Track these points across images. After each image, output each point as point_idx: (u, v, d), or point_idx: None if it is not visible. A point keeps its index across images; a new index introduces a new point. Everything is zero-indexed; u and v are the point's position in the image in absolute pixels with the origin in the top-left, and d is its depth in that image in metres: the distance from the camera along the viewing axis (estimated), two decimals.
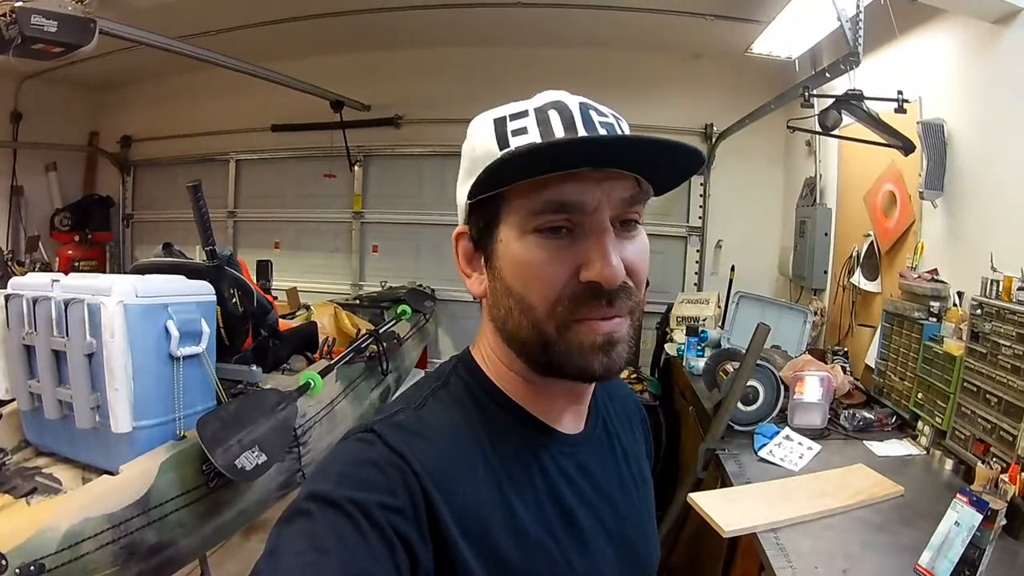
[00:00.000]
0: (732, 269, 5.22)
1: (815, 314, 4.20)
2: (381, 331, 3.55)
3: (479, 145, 0.79)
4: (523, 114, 0.77)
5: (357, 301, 5.10)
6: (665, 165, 0.77)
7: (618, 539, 0.89)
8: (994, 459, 2.36)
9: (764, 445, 2.86)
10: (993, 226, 2.73)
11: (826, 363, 3.65)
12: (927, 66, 3.22)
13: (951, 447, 2.67)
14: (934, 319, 2.98)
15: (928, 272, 3.10)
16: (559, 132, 0.75)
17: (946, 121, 3.00)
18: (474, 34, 5.48)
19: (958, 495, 1.92)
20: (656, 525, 1.04)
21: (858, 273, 3.81)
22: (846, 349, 3.82)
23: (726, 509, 2.22)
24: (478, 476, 0.76)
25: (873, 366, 3.47)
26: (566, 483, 0.84)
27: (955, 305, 2.87)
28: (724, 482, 2.67)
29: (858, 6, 2.79)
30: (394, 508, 0.67)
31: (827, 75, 3.26)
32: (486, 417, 0.82)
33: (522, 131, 0.76)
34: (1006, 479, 2.22)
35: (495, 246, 0.79)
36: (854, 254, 3.90)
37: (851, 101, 3.22)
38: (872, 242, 3.72)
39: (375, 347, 3.40)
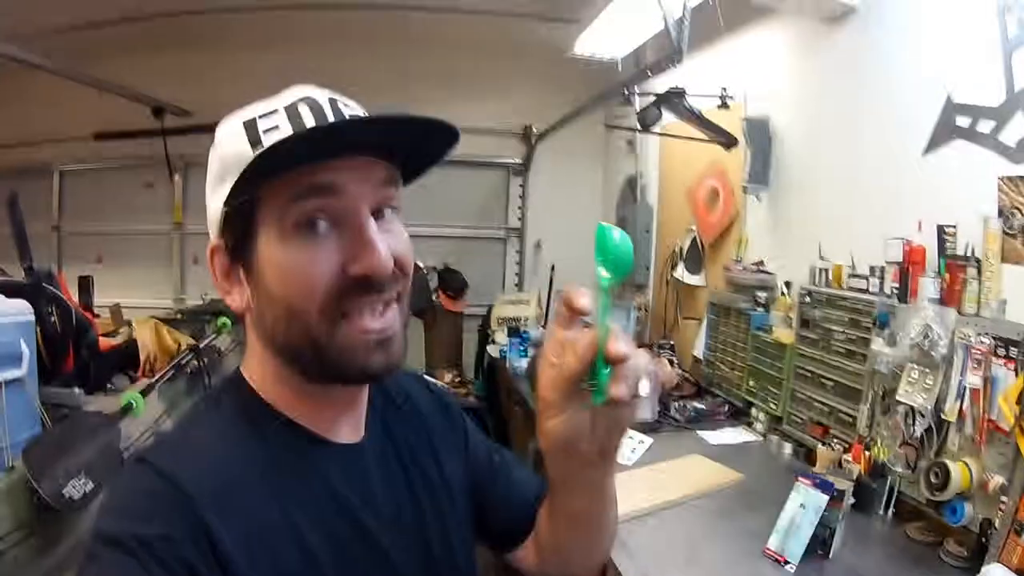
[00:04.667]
0: (552, 268, 5.26)
1: (639, 309, 4.28)
2: (202, 345, 3.28)
3: (229, 149, 0.75)
4: (273, 112, 0.75)
5: (179, 315, 4.72)
6: (424, 144, 0.78)
7: (418, 552, 0.87)
8: (835, 440, 2.46)
9: None
10: (818, 217, 2.85)
11: (653, 355, 3.72)
12: (753, 63, 3.34)
13: (788, 431, 2.76)
14: (762, 309, 3.09)
15: (754, 264, 3.22)
16: (309, 124, 0.74)
17: (772, 117, 3.13)
18: (301, 35, 5.24)
19: (800, 479, 1.95)
20: (471, 533, 1.01)
21: (681, 267, 3.92)
22: (672, 342, 3.92)
23: None
24: (258, 497, 0.72)
25: (701, 357, 3.57)
26: (352, 497, 0.80)
27: (783, 294, 2.99)
28: None
29: (685, 6, 2.82)
30: (175, 539, 0.64)
31: (649, 73, 3.32)
32: (260, 435, 0.77)
33: (274, 128, 0.73)
34: (849, 459, 2.31)
35: (255, 254, 0.75)
36: (676, 249, 4.01)
37: (672, 98, 3.29)
38: (695, 237, 3.83)
39: (196, 362, 3.14)
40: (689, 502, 2.26)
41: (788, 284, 2.97)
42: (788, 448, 2.72)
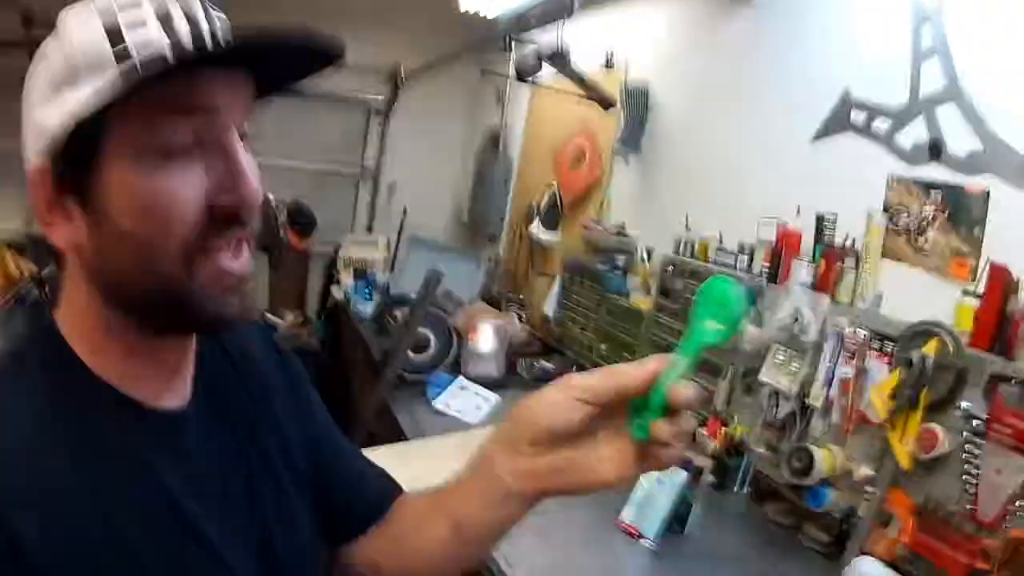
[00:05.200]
0: (404, 211, 5.07)
1: (490, 261, 4.22)
2: (44, 274, 2.89)
3: (81, 43, 0.59)
4: (136, 5, 0.60)
5: (30, 242, 4.15)
6: (300, 63, 0.70)
7: (252, 543, 0.75)
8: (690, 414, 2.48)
9: (439, 395, 2.76)
10: (690, 190, 2.87)
11: (501, 311, 3.68)
12: (644, 30, 3.28)
13: None
14: (619, 273, 3.08)
15: (616, 225, 3.21)
16: (183, 27, 0.61)
17: (654, 85, 3.10)
18: None
19: None
20: (313, 521, 0.89)
21: (537, 223, 3.86)
22: (522, 297, 3.88)
23: (398, 471, 2.05)
24: (69, 490, 0.60)
25: (552, 316, 3.54)
26: (172, 478, 0.67)
27: (643, 260, 2.98)
28: (400, 436, 2.54)
29: None
30: None
31: (533, 23, 3.22)
32: (74, 406, 0.64)
33: (140, 25, 0.59)
34: (705, 434, 2.34)
35: (98, 182, 0.61)
36: (534, 204, 3.94)
37: (556, 55, 3.19)
38: (554, 193, 3.78)
39: (39, 292, 2.77)
40: None
41: (650, 251, 2.97)
42: None
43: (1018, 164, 1.75)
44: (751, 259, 2.43)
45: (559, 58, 3.14)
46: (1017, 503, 1.54)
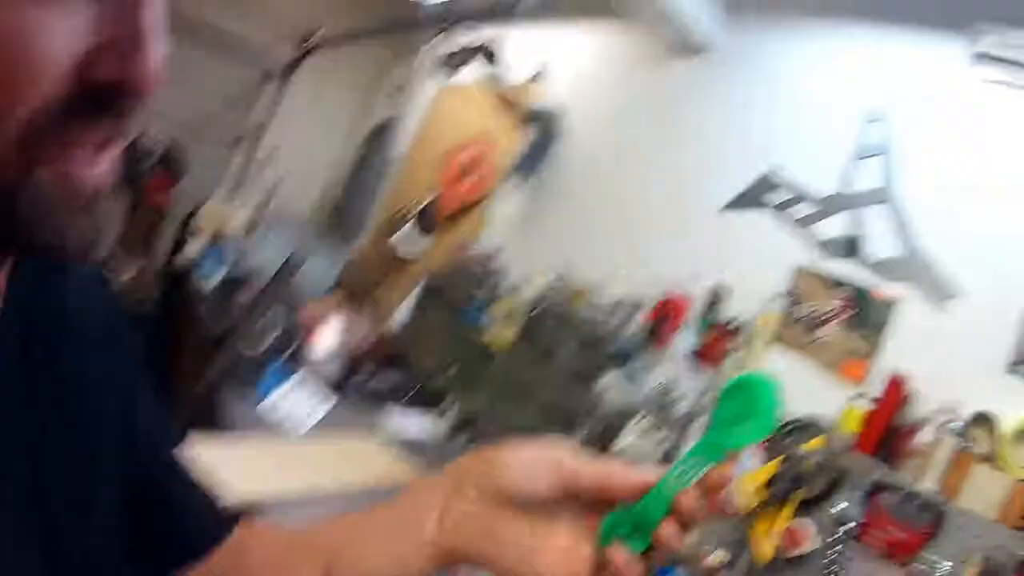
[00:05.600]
0: (275, 186, 4.70)
1: (349, 257, 3.96)
2: None
3: None
4: None
5: None
6: None
7: (32, 545, 0.51)
8: None
9: (272, 390, 2.50)
10: (579, 229, 2.76)
11: (351, 311, 3.42)
12: (572, 52, 3.17)
13: (481, 435, 2.59)
14: (481, 302, 2.89)
15: (488, 252, 3.05)
16: None
17: (572, 114, 2.98)
18: None
19: None
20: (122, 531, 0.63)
21: (407, 229, 3.64)
22: (376, 301, 3.63)
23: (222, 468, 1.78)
24: None
25: (400, 328, 3.32)
26: None
27: (510, 295, 2.82)
28: (221, 427, 2.25)
29: None
30: None
31: (470, 16, 3.07)
32: None
33: None
34: None
35: None
36: (408, 209, 3.72)
37: (487, 53, 3.02)
38: (432, 203, 3.58)
39: None
40: (352, 495, 1.96)
41: (519, 286, 2.81)
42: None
43: (935, 279, 1.74)
44: (630, 315, 2.32)
45: (491, 57, 2.96)
46: None
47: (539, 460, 0.57)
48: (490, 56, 2.98)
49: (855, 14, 2.15)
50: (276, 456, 2.00)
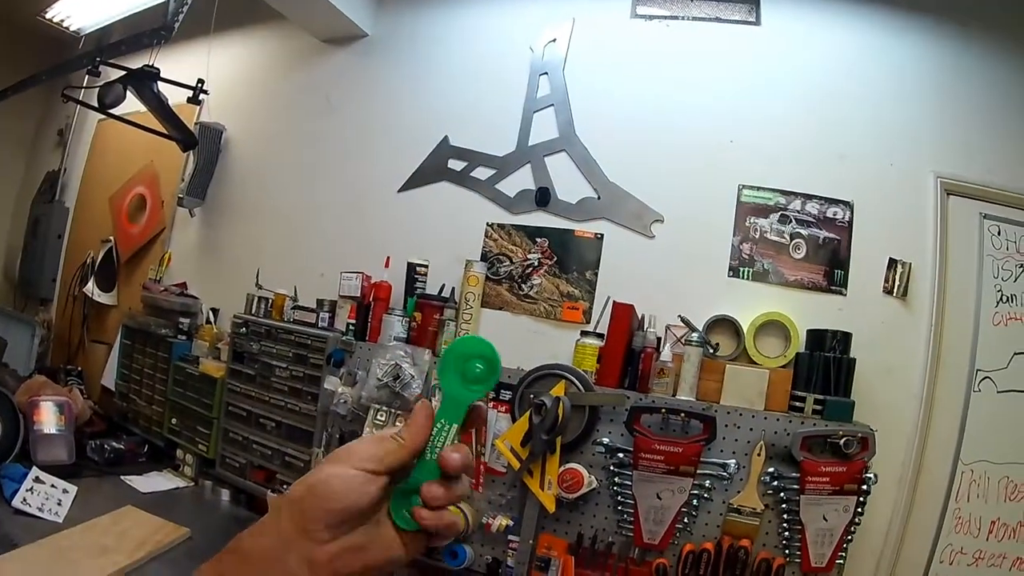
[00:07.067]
0: None
1: (43, 327, 3.52)
2: None
3: None
4: None
5: None
6: None
7: None
8: (284, 486, 2.22)
9: (16, 492, 2.19)
10: (261, 243, 2.67)
11: (61, 385, 3.06)
12: (226, 64, 2.99)
13: (224, 476, 2.43)
14: (184, 337, 2.73)
15: (176, 285, 2.86)
16: None
17: (229, 127, 2.83)
18: None
19: None
20: None
21: (92, 283, 3.32)
22: (80, 368, 3.28)
23: None
24: None
25: (113, 388, 3.03)
26: None
27: (209, 323, 2.70)
28: None
29: None
30: None
31: (123, 48, 2.84)
32: None
33: None
34: None
35: None
36: (89, 261, 3.41)
37: (144, 77, 2.71)
38: (112, 248, 3.29)
39: None
40: (143, 566, 1.85)
41: (215, 311, 2.70)
42: (226, 495, 2.43)
43: (633, 208, 1.84)
44: (332, 315, 2.28)
45: (141, 80, 2.67)
46: (683, 522, 1.68)
47: (344, 470, 0.57)
48: (150, 75, 2.72)
49: None
50: (58, 554, 1.79)
